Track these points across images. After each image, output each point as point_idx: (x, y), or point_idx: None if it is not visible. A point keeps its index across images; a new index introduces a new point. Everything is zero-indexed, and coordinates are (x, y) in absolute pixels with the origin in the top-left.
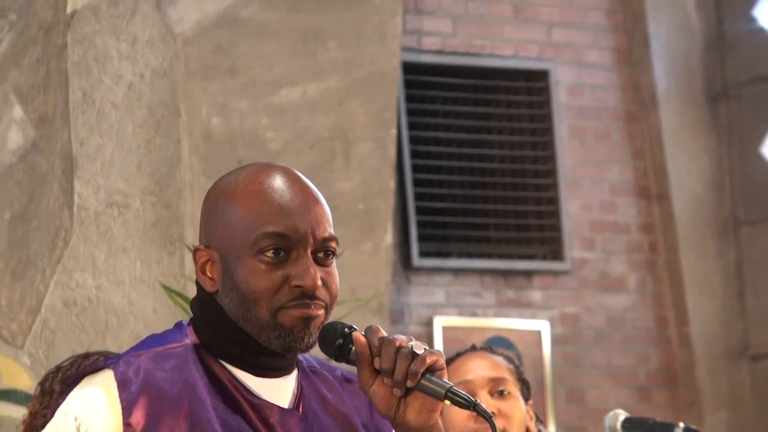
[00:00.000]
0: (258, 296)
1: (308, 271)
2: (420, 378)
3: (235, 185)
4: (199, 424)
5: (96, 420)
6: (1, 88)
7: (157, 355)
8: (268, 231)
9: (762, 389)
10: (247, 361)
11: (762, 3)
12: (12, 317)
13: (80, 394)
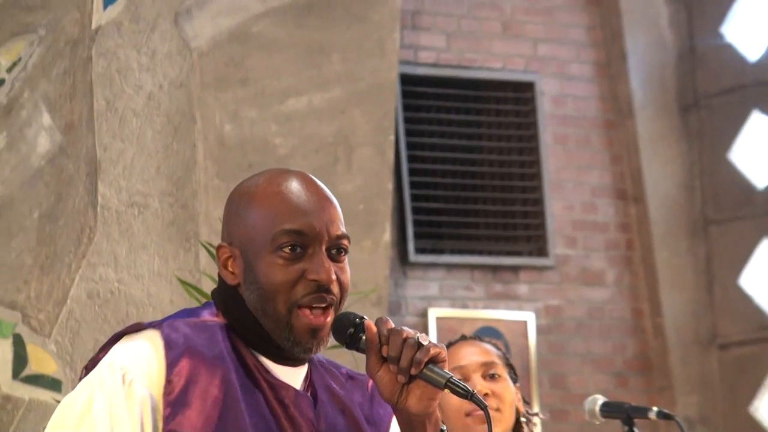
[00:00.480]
0: (277, 289)
1: (324, 266)
2: (423, 367)
3: (255, 188)
4: (227, 392)
5: (141, 372)
6: (31, 97)
7: (195, 324)
8: (286, 228)
9: (729, 375)
10: (265, 347)
11: (729, 20)
12: (40, 308)
13: (127, 346)
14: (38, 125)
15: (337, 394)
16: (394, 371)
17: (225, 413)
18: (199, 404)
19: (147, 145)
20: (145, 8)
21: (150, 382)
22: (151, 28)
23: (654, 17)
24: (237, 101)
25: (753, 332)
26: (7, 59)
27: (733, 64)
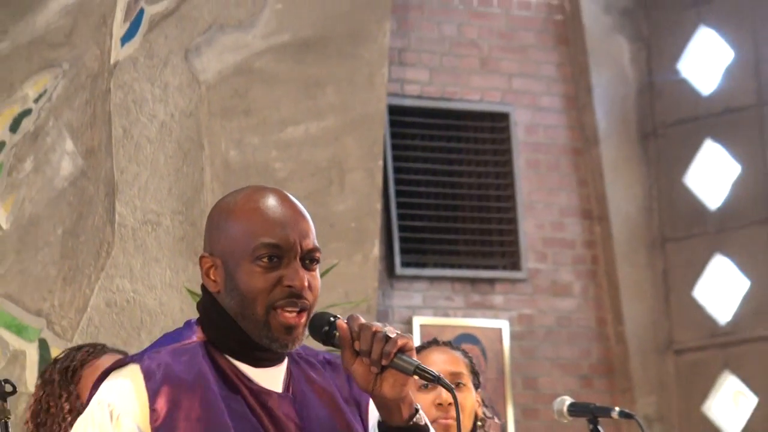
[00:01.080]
0: (256, 294)
1: (298, 274)
2: (393, 357)
3: (234, 204)
4: (209, 409)
5: (126, 406)
6: (56, 125)
7: (174, 350)
8: (264, 242)
9: (684, 378)
10: (245, 353)
11: (685, 57)
12: (63, 315)
13: (111, 384)
14: (62, 150)
15: (317, 383)
16: (367, 363)
17: (210, 429)
18: (184, 425)
19: (159, 169)
20: (158, 45)
21: (135, 415)
22: (163, 63)
23: (616, 55)
24: (241, 129)
25: (706, 339)
26: (35, 91)
27: (688, 97)
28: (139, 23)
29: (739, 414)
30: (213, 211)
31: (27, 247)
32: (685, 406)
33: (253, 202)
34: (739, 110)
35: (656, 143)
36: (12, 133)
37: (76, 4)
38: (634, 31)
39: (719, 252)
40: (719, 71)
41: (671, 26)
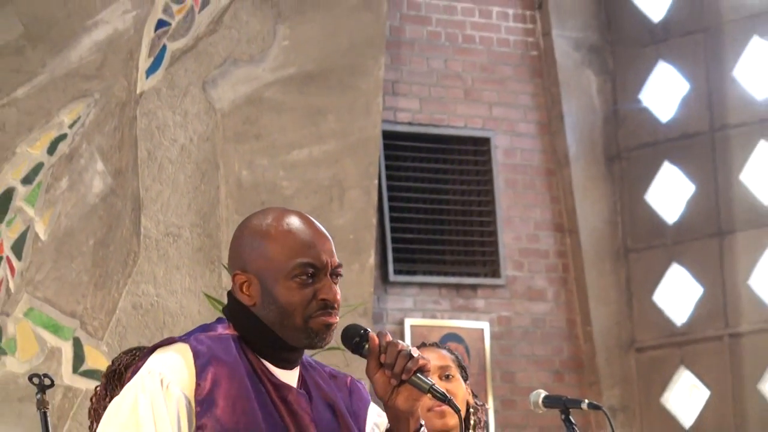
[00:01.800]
0: (295, 307)
1: (331, 289)
2: (412, 374)
3: (266, 226)
4: (242, 392)
5: (176, 376)
6: (88, 149)
7: (214, 337)
8: (301, 262)
9: (644, 373)
10: (272, 355)
11: (645, 89)
12: (94, 317)
13: (161, 357)
14: (93, 171)
15: (324, 389)
16: (389, 375)
17: (242, 409)
18: (223, 403)
19: (180, 187)
20: (179, 77)
21: (183, 385)
22: (183, 93)
23: (585, 86)
24: (252, 152)
25: (664, 338)
26: (70, 118)
27: (648, 124)
28: (162, 58)
29: (693, 405)
30: (244, 231)
31: (62, 256)
32: (646, 398)
33: (285, 225)
34: (694, 136)
35: (620, 165)
36: (49, 155)
37: (106, 41)
38: (601, 65)
39: (676, 262)
40: (676, 101)
41: (633, 61)
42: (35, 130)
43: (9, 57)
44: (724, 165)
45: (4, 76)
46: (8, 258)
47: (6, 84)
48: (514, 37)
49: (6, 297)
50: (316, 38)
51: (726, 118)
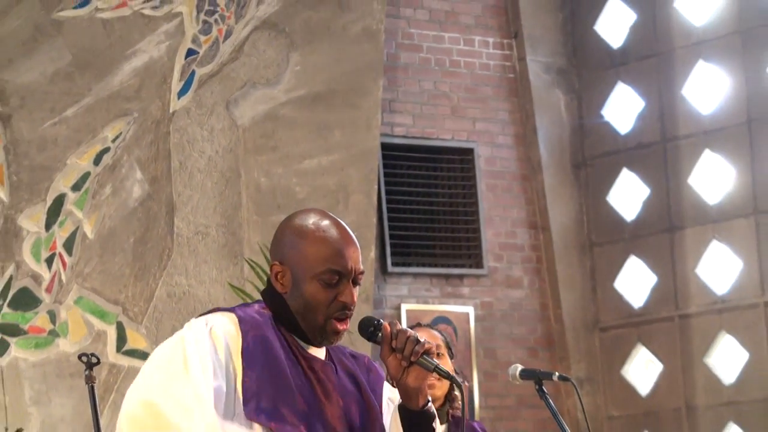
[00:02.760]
0: (317, 305)
1: (351, 293)
2: (419, 356)
3: (306, 228)
4: (277, 360)
5: (222, 328)
6: (128, 160)
7: (256, 313)
8: (331, 268)
9: (606, 349)
10: (300, 334)
11: (607, 106)
12: (135, 304)
13: (210, 316)
14: (133, 179)
15: (347, 365)
16: (399, 358)
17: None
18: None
19: (207, 192)
20: (206, 98)
21: (229, 335)
22: (210, 111)
23: (555, 104)
24: (269, 162)
25: (623, 319)
26: (113, 133)
27: (609, 136)
28: (191, 82)
29: (648, 377)
30: (286, 229)
31: (107, 252)
32: (608, 371)
33: (322, 231)
34: (648, 146)
35: (585, 171)
36: (95, 165)
37: (143, 67)
38: (568, 86)
39: (633, 254)
40: (633, 116)
41: (596, 82)
42: (83, 144)
43: (60, 82)
44: (674, 171)
45: (56, 98)
46: (61, 254)
47: (58, 105)
48: (494, 62)
49: (59, 287)
50: (324, 64)
51: (676, 130)
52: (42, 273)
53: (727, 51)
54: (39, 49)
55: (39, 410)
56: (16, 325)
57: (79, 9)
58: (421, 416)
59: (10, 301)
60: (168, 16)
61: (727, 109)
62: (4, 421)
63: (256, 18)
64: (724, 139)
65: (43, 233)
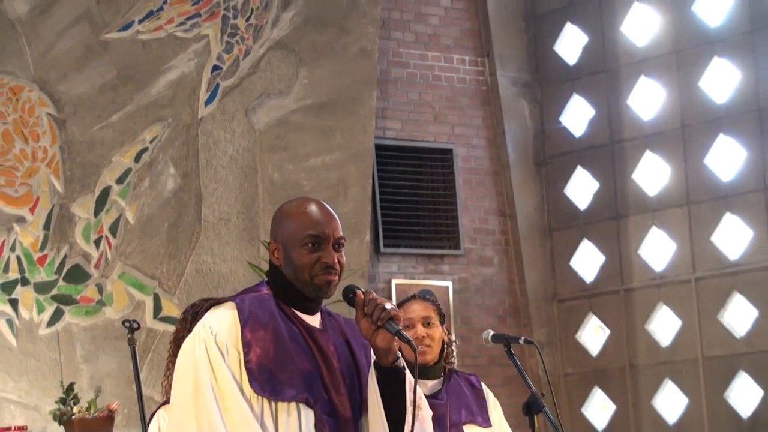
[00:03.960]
0: (304, 267)
1: (331, 255)
2: (384, 322)
3: (291, 209)
4: (276, 335)
5: (223, 329)
6: (164, 158)
7: (255, 297)
8: (310, 233)
9: (563, 317)
10: (298, 303)
11: (565, 113)
12: (169, 278)
13: (213, 314)
14: (167, 174)
15: (342, 330)
16: (369, 321)
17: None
18: (261, 343)
19: (229, 185)
20: (228, 106)
21: (230, 335)
22: (232, 117)
23: (521, 111)
24: (281, 160)
25: (577, 292)
26: (150, 135)
27: (566, 139)
28: (216, 92)
29: (598, 341)
30: (277, 212)
31: (145, 235)
32: (564, 335)
33: (303, 207)
34: (599, 147)
35: (546, 168)
36: (136, 162)
37: (176, 81)
38: (532, 97)
39: (586, 237)
40: (585, 122)
41: (555, 94)
42: (126, 144)
43: (106, 92)
44: (621, 168)
45: (103, 106)
46: (107, 236)
47: (105, 112)
48: (470, 76)
49: (105, 264)
50: (327, 78)
51: (621, 134)
52: (91, 252)
53: (664, 68)
54: (89, 66)
55: (88, 367)
56: (70, 296)
57: (123, 32)
58: (391, 371)
59: (65, 275)
60: (197, 38)
61: (664, 117)
62: (60, 376)
63: (270, 39)
64: (661, 142)
65: (92, 219)
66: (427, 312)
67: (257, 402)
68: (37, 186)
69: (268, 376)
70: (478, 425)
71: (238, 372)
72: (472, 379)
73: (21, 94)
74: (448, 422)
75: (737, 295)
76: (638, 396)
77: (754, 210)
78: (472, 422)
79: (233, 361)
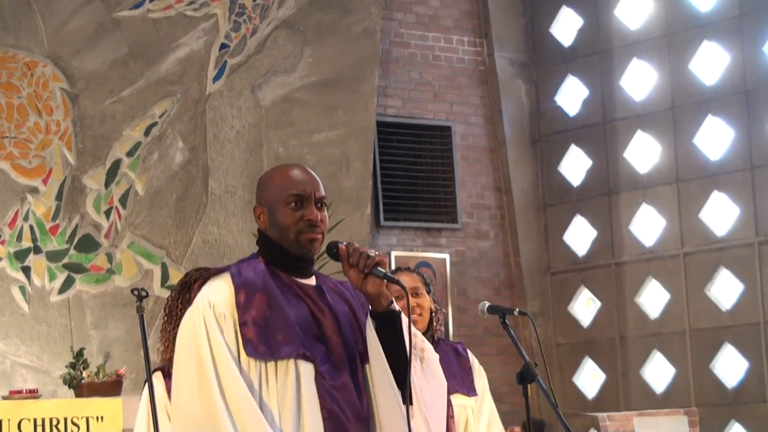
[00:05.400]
0: (288, 226)
1: (313, 212)
2: (372, 268)
3: (273, 173)
4: (271, 299)
5: (219, 299)
6: (172, 132)
7: (248, 265)
8: (292, 192)
9: (556, 290)
10: (290, 266)
11: (559, 93)
12: (176, 248)
13: (210, 286)
14: (176, 147)
15: (338, 290)
16: (357, 271)
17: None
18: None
19: (235, 159)
20: (235, 82)
21: (225, 302)
22: (238, 94)
23: (517, 91)
24: (286, 135)
25: (570, 266)
26: (159, 110)
27: (560, 118)
28: (223, 69)
29: (589, 312)
30: (260, 179)
31: (154, 206)
32: (557, 307)
33: (284, 171)
34: (592, 126)
35: (541, 146)
36: (145, 136)
37: (185, 58)
38: (528, 77)
39: (579, 213)
40: (579, 102)
41: (551, 74)
42: (136, 119)
43: (118, 68)
44: (613, 146)
45: (114, 81)
46: (117, 207)
47: (116, 87)
48: (468, 57)
49: (115, 234)
50: (331, 56)
51: (614, 113)
52: (101, 222)
53: (655, 50)
54: (101, 42)
55: (98, 333)
56: (81, 264)
57: (134, 10)
58: (387, 315)
59: (76, 245)
60: (206, 17)
61: (655, 97)
62: (70, 341)
63: (276, 19)
64: (652, 121)
65: (103, 190)
66: (414, 283)
67: (255, 369)
68: (50, 158)
69: (264, 337)
70: (463, 395)
71: (235, 343)
72: (459, 347)
73: (35, 69)
74: None
75: (723, 270)
76: (627, 366)
77: (740, 188)
78: (458, 392)
79: (230, 330)
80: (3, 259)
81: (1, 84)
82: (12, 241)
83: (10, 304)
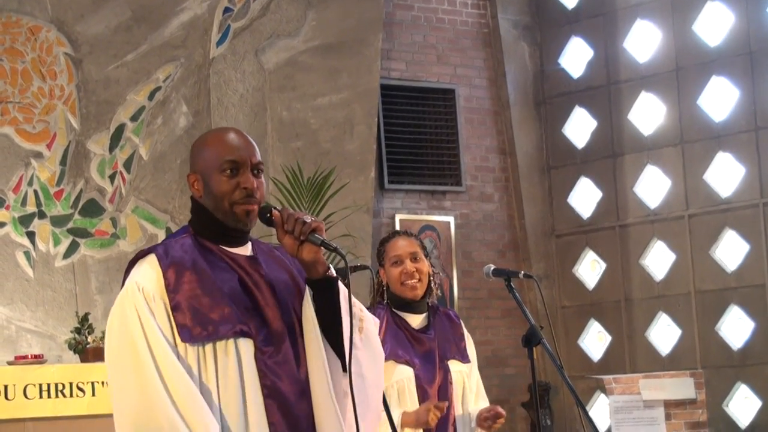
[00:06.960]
0: (224, 194)
1: (249, 180)
2: (308, 235)
3: (207, 137)
4: (201, 275)
5: (148, 282)
6: (176, 96)
7: (176, 242)
8: (227, 158)
9: (561, 252)
10: (222, 236)
11: (563, 56)
12: (180, 212)
13: (138, 269)
14: (180, 112)
15: (275, 256)
16: (292, 238)
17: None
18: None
19: (240, 123)
20: (239, 46)
21: (154, 286)
22: (242, 58)
23: (521, 53)
24: (290, 99)
25: (574, 228)
26: (163, 75)
27: (564, 80)
28: (227, 33)
29: (594, 274)
30: (194, 143)
31: (158, 171)
32: (562, 269)
33: (219, 136)
34: (596, 88)
35: (545, 108)
36: (149, 101)
37: (189, 22)
38: (532, 39)
39: (583, 176)
40: (584, 64)
41: (554, 36)
42: (140, 83)
43: (121, 33)
44: (617, 108)
45: (118, 46)
46: (121, 172)
47: (120, 51)
48: (472, 19)
49: (119, 199)
50: (335, 20)
51: (618, 75)
52: (106, 187)
53: (660, 11)
54: (105, 7)
55: (102, 297)
56: (85, 229)
57: None
58: (324, 282)
59: (81, 209)
60: None
61: (659, 59)
62: (75, 306)
63: None
64: (656, 83)
65: (107, 155)
66: (413, 248)
67: (193, 353)
68: (54, 123)
69: (198, 319)
70: (458, 361)
71: (168, 327)
72: (451, 313)
73: (39, 34)
74: (437, 357)
75: (728, 231)
76: (633, 328)
77: (744, 149)
78: (454, 358)
79: (162, 314)
80: (7, 224)
81: (5, 49)
82: (16, 206)
83: (14, 269)
